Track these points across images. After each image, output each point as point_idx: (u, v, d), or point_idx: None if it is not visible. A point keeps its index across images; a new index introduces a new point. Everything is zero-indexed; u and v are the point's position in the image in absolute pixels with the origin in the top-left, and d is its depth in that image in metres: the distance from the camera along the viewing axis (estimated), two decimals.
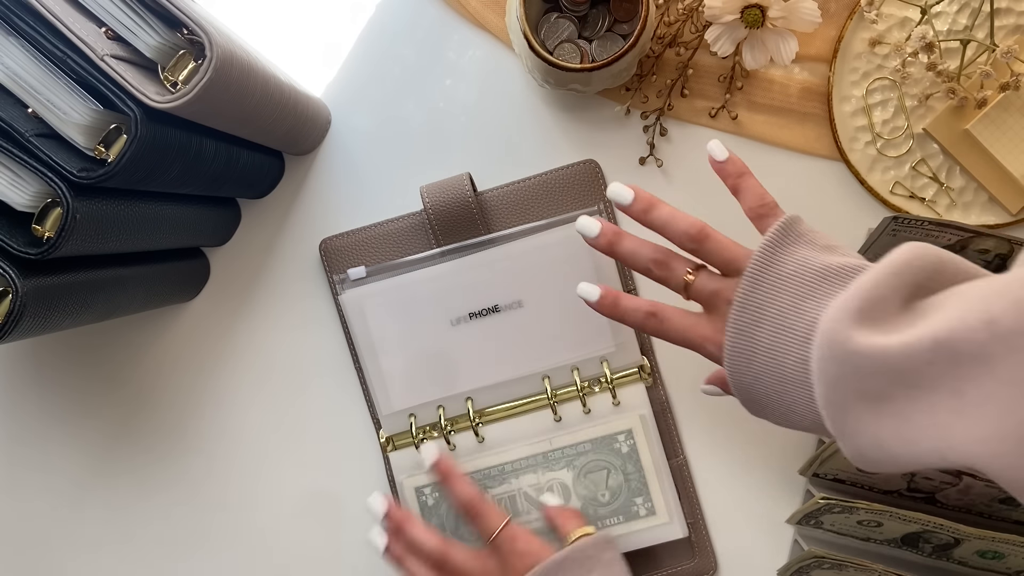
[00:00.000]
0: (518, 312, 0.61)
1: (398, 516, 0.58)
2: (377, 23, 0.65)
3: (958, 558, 0.58)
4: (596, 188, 0.63)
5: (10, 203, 0.47)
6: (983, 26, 0.58)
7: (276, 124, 0.57)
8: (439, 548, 0.55)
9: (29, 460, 0.67)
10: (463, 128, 0.64)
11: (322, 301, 0.65)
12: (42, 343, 0.67)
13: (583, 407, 0.61)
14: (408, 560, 0.57)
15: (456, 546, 0.56)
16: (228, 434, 0.66)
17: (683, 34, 0.61)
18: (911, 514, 0.56)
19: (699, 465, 0.63)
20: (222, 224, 0.64)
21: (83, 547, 0.67)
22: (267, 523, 0.66)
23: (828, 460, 0.59)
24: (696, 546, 0.63)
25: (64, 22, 0.45)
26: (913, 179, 0.61)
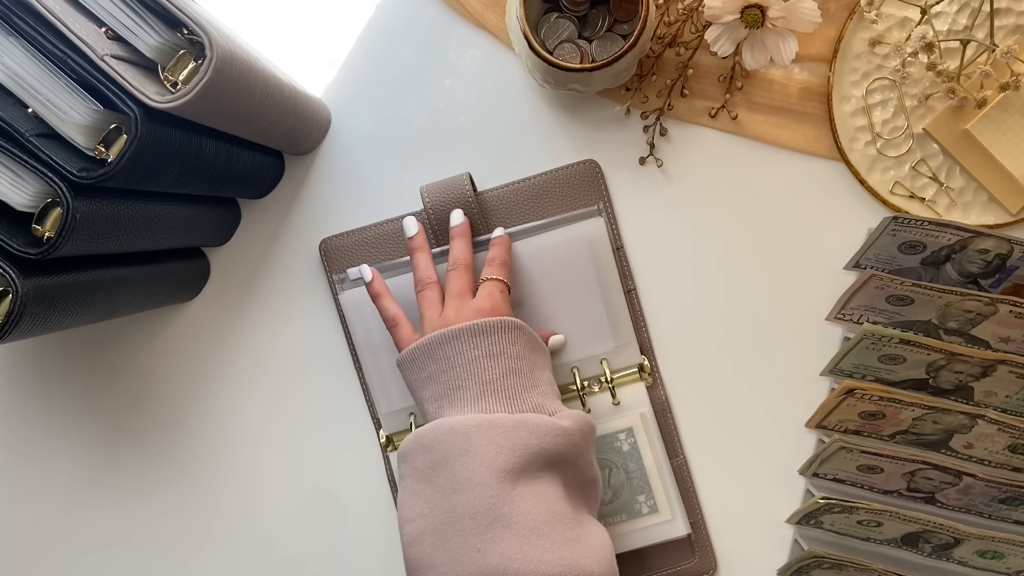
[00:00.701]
0: (518, 311, 0.61)
1: (379, 288, 0.59)
2: (377, 23, 0.65)
3: (958, 558, 0.58)
4: (596, 188, 0.63)
5: (10, 203, 0.47)
6: (983, 26, 0.58)
7: (276, 124, 0.57)
8: None
9: (30, 459, 0.67)
10: (463, 128, 0.64)
11: (322, 301, 0.65)
12: (43, 343, 0.67)
13: (583, 407, 0.61)
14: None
15: None
16: (228, 433, 0.66)
17: (683, 34, 0.61)
18: (911, 514, 0.56)
19: (699, 465, 0.63)
20: (222, 224, 0.64)
21: (83, 545, 0.67)
22: (267, 522, 0.66)
23: (828, 460, 0.59)
24: (696, 546, 0.63)
25: (64, 22, 0.45)
26: (913, 179, 0.61)
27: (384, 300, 0.58)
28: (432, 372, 0.53)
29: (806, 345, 0.62)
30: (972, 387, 0.57)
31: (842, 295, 0.59)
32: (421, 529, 0.49)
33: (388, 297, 0.58)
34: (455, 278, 0.56)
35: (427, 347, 0.53)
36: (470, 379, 0.52)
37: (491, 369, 0.52)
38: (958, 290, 0.55)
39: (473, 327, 0.52)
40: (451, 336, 0.52)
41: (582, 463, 0.52)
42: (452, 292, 0.56)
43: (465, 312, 0.54)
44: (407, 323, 0.57)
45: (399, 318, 0.57)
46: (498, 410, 0.51)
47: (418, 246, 0.59)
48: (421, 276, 0.57)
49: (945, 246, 0.56)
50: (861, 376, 0.59)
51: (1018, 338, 0.56)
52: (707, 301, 0.63)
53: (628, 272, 0.63)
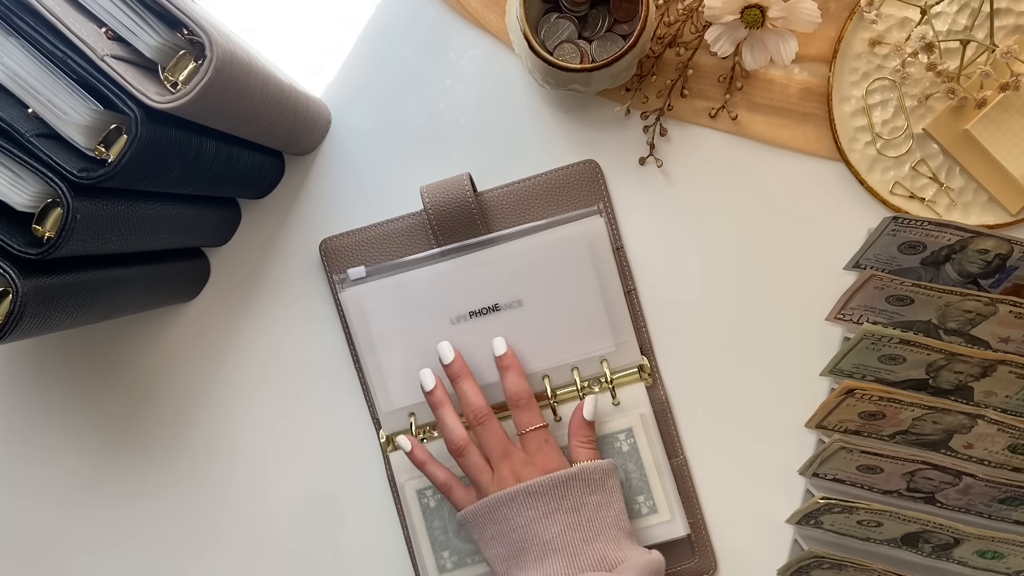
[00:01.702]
0: (518, 311, 0.61)
1: (422, 455, 0.59)
2: (377, 23, 0.65)
3: (958, 558, 0.58)
4: (596, 188, 0.63)
5: (10, 203, 0.47)
6: (983, 26, 0.58)
7: (276, 124, 0.57)
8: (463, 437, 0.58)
9: (30, 459, 0.67)
10: (463, 128, 0.64)
11: (322, 301, 0.65)
12: (43, 343, 0.67)
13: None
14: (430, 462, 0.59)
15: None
16: (228, 433, 0.66)
17: (683, 34, 0.61)
18: (911, 514, 0.56)
19: (699, 465, 0.63)
20: (222, 224, 0.64)
21: (84, 546, 0.67)
22: (267, 522, 0.66)
23: (828, 460, 0.59)
24: (696, 546, 0.63)
25: (64, 22, 0.45)
26: (913, 179, 0.61)
27: (430, 467, 0.59)
28: (494, 533, 0.55)
29: (806, 345, 0.62)
30: (972, 387, 0.57)
31: (842, 295, 0.59)
32: None
33: (433, 463, 0.59)
34: (488, 437, 0.57)
35: (487, 511, 0.56)
36: (532, 542, 0.54)
37: (550, 528, 0.54)
38: (958, 290, 0.55)
39: (528, 487, 0.55)
40: (508, 499, 0.55)
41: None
42: (496, 454, 0.57)
43: (520, 471, 0.56)
44: (459, 485, 0.58)
45: (450, 482, 0.58)
46: (559, 571, 0.52)
47: (439, 401, 0.59)
48: (454, 439, 0.58)
49: (945, 246, 0.56)
50: (861, 376, 0.59)
51: (1018, 338, 0.56)
52: (707, 301, 0.63)
53: (628, 272, 0.63)
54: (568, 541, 0.54)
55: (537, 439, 0.57)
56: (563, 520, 0.54)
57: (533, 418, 0.58)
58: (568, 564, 0.53)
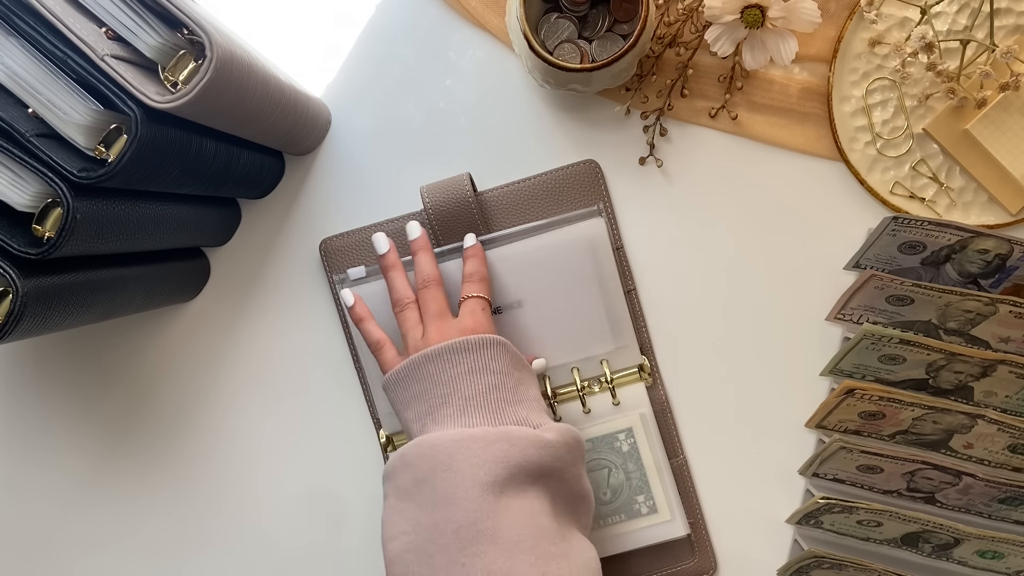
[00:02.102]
0: (518, 312, 0.61)
1: (362, 311, 0.59)
2: (377, 23, 0.65)
3: (958, 558, 0.58)
4: (596, 188, 0.63)
5: (10, 203, 0.47)
6: (983, 26, 0.58)
7: (276, 124, 0.57)
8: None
9: (30, 459, 0.67)
10: (463, 128, 0.64)
11: (322, 301, 0.65)
12: (43, 343, 0.67)
13: (583, 407, 0.61)
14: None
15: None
16: (228, 433, 0.66)
17: (683, 34, 0.61)
18: (911, 514, 0.56)
19: (699, 465, 0.63)
20: (222, 224, 0.64)
21: (83, 545, 0.67)
22: (267, 522, 0.66)
23: (828, 460, 0.59)
24: (696, 546, 0.63)
25: (64, 22, 0.45)
26: (913, 179, 0.61)
27: (367, 324, 0.58)
28: (416, 392, 0.53)
29: (806, 345, 0.62)
30: (972, 387, 0.57)
31: (842, 295, 0.59)
32: (404, 547, 0.48)
33: (371, 321, 0.58)
34: (430, 298, 0.56)
35: (410, 367, 0.53)
36: (452, 395, 0.51)
37: (474, 385, 0.52)
38: (958, 290, 0.55)
39: (455, 344, 0.52)
40: (434, 355, 0.52)
41: (569, 477, 0.51)
42: (431, 313, 0.55)
43: (448, 332, 0.54)
44: (391, 346, 0.56)
45: (383, 341, 0.57)
46: (481, 425, 0.50)
47: (391, 264, 0.58)
48: (398, 296, 0.57)
49: (945, 246, 0.56)
50: (861, 376, 0.59)
51: (1018, 338, 0.56)
52: (707, 301, 0.63)
53: (628, 272, 0.63)
54: (491, 399, 0.51)
55: (473, 305, 0.56)
56: (488, 380, 0.52)
57: (478, 288, 0.57)
58: (489, 420, 0.51)
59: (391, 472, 0.51)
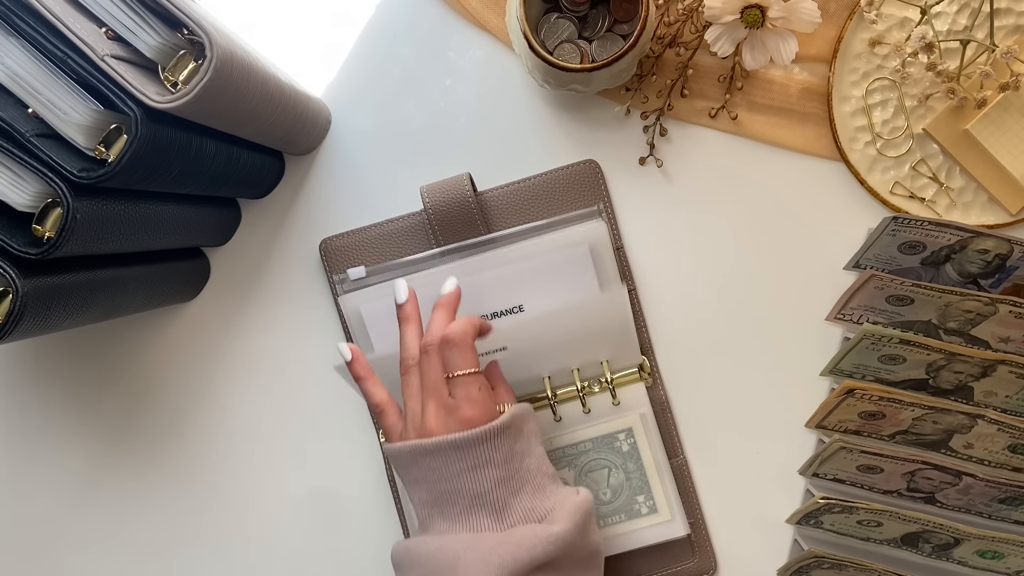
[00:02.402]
0: (519, 313, 0.61)
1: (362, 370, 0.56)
2: (377, 23, 0.65)
3: (958, 558, 0.58)
4: (596, 188, 0.63)
5: (10, 203, 0.47)
6: (983, 26, 0.58)
7: (276, 124, 0.57)
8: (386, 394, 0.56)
9: (30, 457, 0.67)
10: (463, 128, 0.64)
11: (322, 301, 0.65)
12: (43, 343, 0.67)
13: (583, 407, 0.61)
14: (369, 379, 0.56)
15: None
16: (228, 433, 0.66)
17: (683, 34, 0.61)
18: (911, 514, 0.56)
19: (699, 465, 0.63)
20: (222, 224, 0.64)
21: (83, 544, 0.67)
22: (267, 522, 0.66)
23: (828, 460, 0.59)
24: (696, 546, 0.63)
25: (64, 22, 0.45)
26: (913, 179, 0.61)
27: (367, 384, 0.55)
28: (418, 478, 0.52)
29: (806, 345, 0.62)
30: (972, 387, 0.57)
31: (842, 295, 0.59)
32: None
33: (372, 380, 0.55)
34: (429, 368, 0.52)
35: (412, 455, 0.51)
36: (458, 494, 0.50)
37: (478, 482, 0.50)
38: (958, 290, 0.55)
39: (456, 441, 0.50)
40: (433, 449, 0.50)
41: (579, 552, 0.51)
42: (428, 386, 0.52)
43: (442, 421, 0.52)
44: (393, 409, 0.54)
45: (384, 404, 0.54)
46: (488, 525, 0.50)
47: (407, 316, 0.55)
48: (405, 355, 0.54)
49: (945, 246, 0.56)
50: (861, 376, 0.59)
51: (1018, 338, 0.56)
52: (707, 301, 0.63)
53: (628, 272, 0.63)
54: (497, 496, 0.50)
55: (468, 388, 0.52)
56: (491, 475, 0.50)
57: (464, 361, 0.52)
58: (496, 519, 0.50)
59: (399, 566, 0.51)
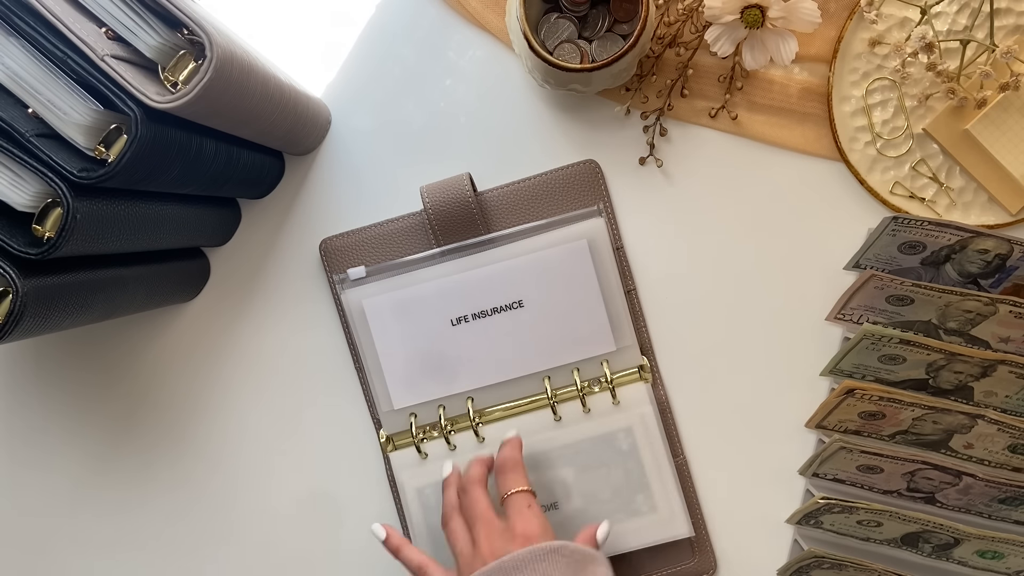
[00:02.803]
0: (518, 312, 0.61)
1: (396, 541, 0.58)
2: (377, 23, 0.65)
3: (958, 558, 0.58)
4: (596, 188, 0.63)
5: (10, 203, 0.47)
6: (983, 26, 0.58)
7: (276, 124, 0.57)
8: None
9: (29, 459, 0.67)
10: (463, 128, 0.64)
11: (322, 301, 0.65)
12: (43, 343, 0.67)
13: (583, 407, 0.61)
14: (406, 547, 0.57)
15: None
16: (228, 433, 0.66)
17: (683, 34, 0.61)
18: (911, 514, 0.56)
19: (699, 465, 0.63)
20: (222, 224, 0.64)
21: (83, 546, 0.67)
22: (267, 522, 0.66)
23: (828, 460, 0.59)
24: (696, 546, 0.63)
25: (64, 22, 0.45)
26: (913, 179, 0.61)
27: (405, 552, 0.57)
28: None
29: (806, 345, 0.62)
30: (972, 387, 0.57)
31: (842, 295, 0.59)
32: None
33: (409, 547, 0.57)
34: (472, 502, 0.55)
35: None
36: None
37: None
38: (958, 290, 0.55)
39: (508, 563, 0.51)
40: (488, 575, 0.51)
41: None
42: (474, 516, 0.54)
43: (496, 540, 0.53)
44: (435, 567, 0.56)
45: (425, 564, 0.56)
46: None
47: (449, 483, 0.58)
48: (446, 509, 0.56)
49: (945, 246, 0.56)
50: (861, 376, 0.59)
51: (1018, 338, 0.56)
52: (707, 301, 0.63)
53: (628, 272, 0.63)
54: None
55: (519, 503, 0.54)
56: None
57: (516, 481, 0.55)
58: None
59: None
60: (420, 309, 0.61)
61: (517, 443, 0.58)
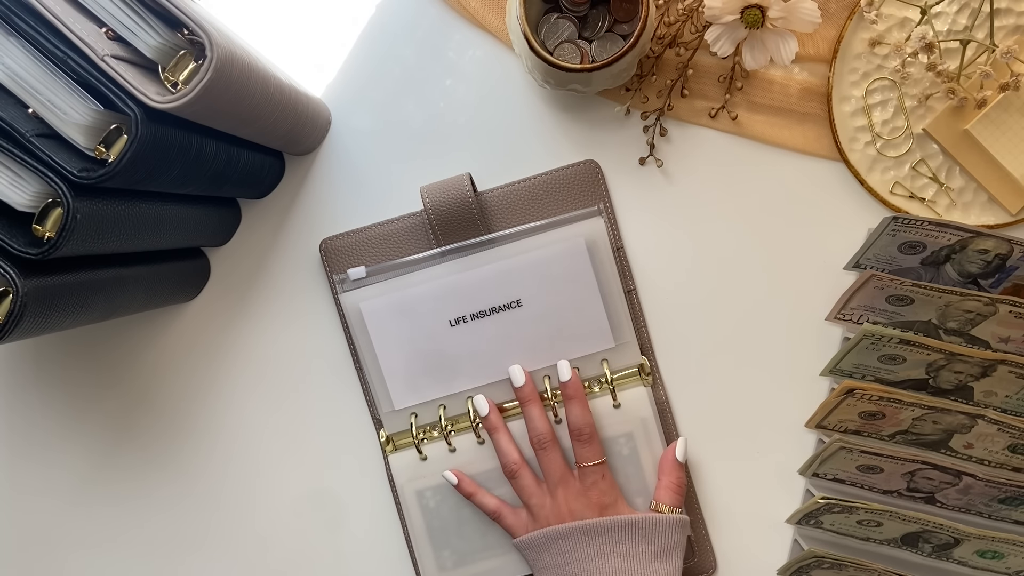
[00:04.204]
0: (518, 311, 0.61)
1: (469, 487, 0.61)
2: (377, 23, 0.65)
3: (958, 558, 0.58)
4: (596, 188, 0.63)
5: (10, 203, 0.47)
6: (983, 26, 0.58)
7: (276, 124, 0.57)
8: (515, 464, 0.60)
9: (30, 458, 0.67)
10: (463, 128, 0.64)
11: (322, 301, 0.65)
12: (43, 343, 0.67)
13: None
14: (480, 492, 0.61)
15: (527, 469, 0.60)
16: (228, 433, 0.66)
17: (683, 34, 0.61)
18: (911, 514, 0.56)
19: (699, 465, 0.63)
20: (222, 224, 0.64)
21: (83, 544, 0.67)
22: (267, 522, 0.66)
23: (828, 460, 0.59)
24: (696, 546, 0.63)
25: (64, 22, 0.45)
26: (913, 179, 0.61)
27: (479, 497, 0.60)
28: (548, 563, 0.58)
29: (806, 345, 0.62)
30: (972, 387, 0.57)
31: (842, 295, 0.59)
32: None
33: (481, 492, 0.60)
34: (549, 462, 0.59)
35: (544, 541, 0.57)
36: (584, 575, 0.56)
37: (603, 567, 0.56)
38: (958, 290, 0.55)
39: (586, 527, 0.57)
40: (565, 533, 0.57)
41: None
42: (553, 478, 0.59)
43: (575, 504, 0.58)
44: (509, 510, 0.60)
45: (501, 509, 0.60)
46: None
47: (494, 426, 0.60)
48: (507, 461, 0.60)
49: (945, 246, 0.56)
50: (861, 376, 0.59)
51: (1018, 338, 0.56)
52: (707, 301, 0.63)
53: (628, 272, 0.63)
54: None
55: (595, 474, 0.58)
56: (616, 563, 0.56)
57: (594, 453, 0.59)
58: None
59: None
60: (420, 309, 0.61)
61: (584, 398, 0.60)
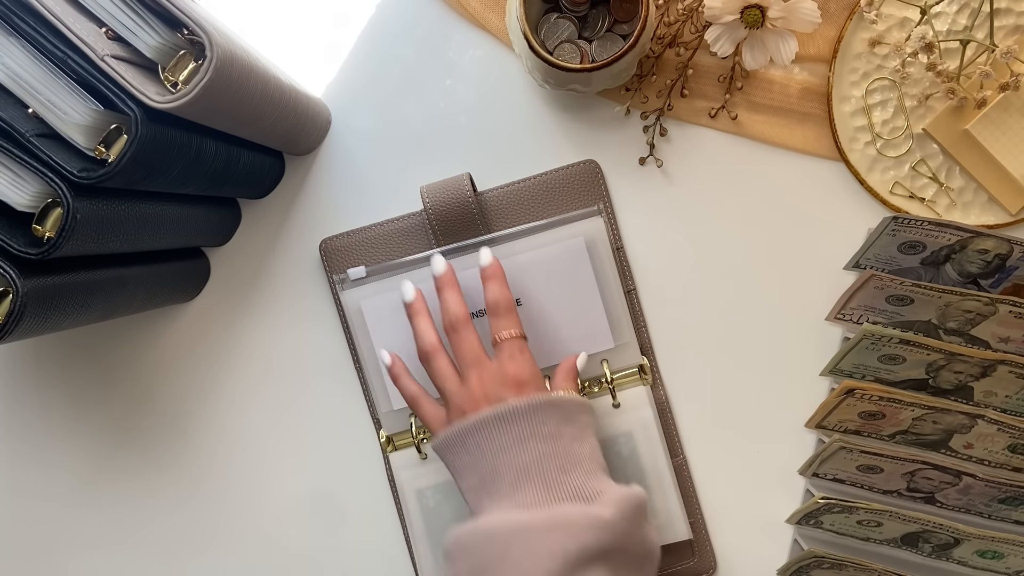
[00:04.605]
0: (518, 311, 0.61)
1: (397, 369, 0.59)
2: (377, 23, 0.65)
3: (958, 558, 0.58)
4: (596, 188, 0.63)
5: (10, 203, 0.47)
6: (983, 26, 0.58)
7: (276, 124, 0.57)
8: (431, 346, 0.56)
9: (30, 458, 0.67)
10: (463, 128, 0.64)
11: (322, 301, 0.65)
12: (43, 343, 0.67)
13: None
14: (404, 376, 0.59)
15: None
16: (228, 434, 0.66)
17: (683, 34, 0.61)
18: (911, 514, 0.56)
19: (699, 465, 0.63)
20: (222, 224, 0.64)
21: (84, 545, 0.67)
22: (267, 522, 0.66)
23: (828, 460, 0.59)
24: (696, 546, 0.63)
25: (64, 22, 0.45)
26: (913, 179, 0.61)
27: (402, 380, 0.58)
28: (466, 463, 0.52)
29: (806, 345, 0.62)
30: (972, 387, 0.57)
31: (842, 295, 0.59)
32: None
33: (407, 377, 0.58)
34: (462, 342, 0.55)
35: (457, 438, 0.52)
36: (504, 468, 0.50)
37: (524, 454, 0.50)
38: (958, 290, 0.55)
39: (501, 413, 0.51)
40: (479, 425, 0.51)
41: (632, 544, 0.50)
42: (466, 360, 0.54)
43: (489, 382, 0.53)
44: (427, 398, 0.57)
45: (417, 395, 0.57)
46: (535, 500, 0.49)
47: (417, 310, 0.57)
48: (424, 343, 0.56)
49: (945, 246, 0.56)
50: (861, 376, 0.59)
51: (1018, 338, 0.56)
52: (707, 301, 0.63)
53: (628, 272, 0.63)
54: (543, 469, 0.50)
55: (511, 347, 0.54)
56: (538, 448, 0.50)
57: (511, 323, 0.55)
58: (543, 493, 0.49)
59: (450, 555, 0.51)
60: None
61: (503, 277, 0.57)
